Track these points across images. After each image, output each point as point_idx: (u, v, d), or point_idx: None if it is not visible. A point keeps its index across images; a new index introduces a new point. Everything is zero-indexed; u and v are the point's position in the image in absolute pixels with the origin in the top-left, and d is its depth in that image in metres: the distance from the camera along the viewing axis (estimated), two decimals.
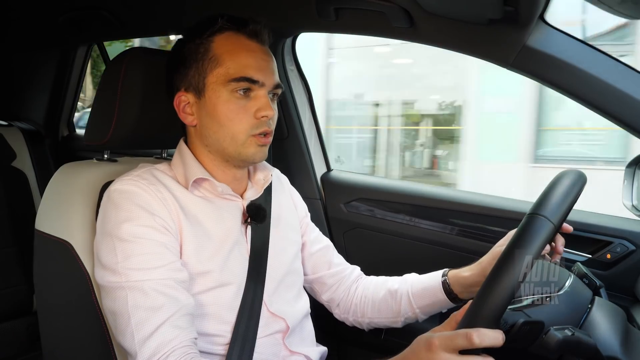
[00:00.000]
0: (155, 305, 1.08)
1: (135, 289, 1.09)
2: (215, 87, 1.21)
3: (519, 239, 0.92)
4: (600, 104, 1.30)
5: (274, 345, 1.30)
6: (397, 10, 1.43)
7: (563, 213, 0.98)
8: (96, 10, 2.08)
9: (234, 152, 1.24)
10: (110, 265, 1.12)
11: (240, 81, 1.20)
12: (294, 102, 1.99)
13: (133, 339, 1.06)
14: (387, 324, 1.50)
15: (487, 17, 1.31)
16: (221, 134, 1.23)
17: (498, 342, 0.86)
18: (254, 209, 1.31)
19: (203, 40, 1.23)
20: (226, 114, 1.21)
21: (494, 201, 1.71)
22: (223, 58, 1.21)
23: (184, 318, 1.10)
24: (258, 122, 1.22)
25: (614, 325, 1.03)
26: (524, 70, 1.38)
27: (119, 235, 1.13)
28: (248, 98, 1.22)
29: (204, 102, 1.23)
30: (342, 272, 1.55)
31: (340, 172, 2.10)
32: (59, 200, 1.32)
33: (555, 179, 1.04)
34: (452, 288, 1.39)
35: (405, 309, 1.44)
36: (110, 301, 1.12)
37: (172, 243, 1.16)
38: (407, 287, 1.46)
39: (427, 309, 1.43)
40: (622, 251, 1.51)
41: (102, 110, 1.36)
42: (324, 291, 1.55)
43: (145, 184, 1.19)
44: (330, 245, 1.58)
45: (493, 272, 0.91)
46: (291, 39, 1.98)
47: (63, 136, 2.95)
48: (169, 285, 1.11)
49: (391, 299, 1.47)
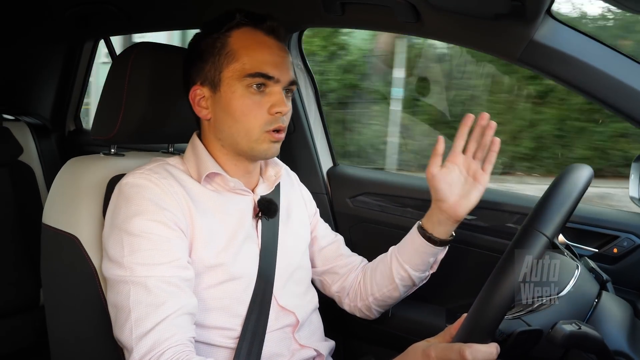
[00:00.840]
0: (157, 302, 1.09)
1: (139, 285, 1.10)
2: (230, 82, 1.22)
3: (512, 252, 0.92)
4: (607, 99, 1.30)
5: (284, 339, 1.31)
6: (404, 5, 1.43)
7: (559, 224, 0.97)
8: (103, 4, 2.08)
9: (247, 147, 1.25)
10: (117, 258, 1.13)
11: (256, 77, 1.21)
12: (300, 96, 1.99)
13: (131, 334, 1.07)
14: (387, 295, 1.50)
15: (493, 12, 1.30)
16: (235, 129, 1.24)
17: (492, 356, 0.87)
18: (265, 203, 1.32)
19: (220, 35, 1.24)
20: (241, 109, 1.22)
21: (498, 196, 1.71)
22: (240, 53, 1.21)
23: (183, 317, 1.11)
24: (272, 118, 1.23)
25: (621, 320, 1.03)
26: (531, 65, 1.37)
27: (127, 229, 1.13)
28: (263, 94, 1.23)
29: (219, 97, 1.24)
30: (352, 262, 1.57)
31: (346, 166, 2.10)
32: (66, 194, 1.32)
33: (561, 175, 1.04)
34: (425, 228, 1.42)
35: (397, 269, 1.46)
36: (114, 294, 1.13)
37: (180, 239, 1.17)
38: (394, 249, 1.49)
39: (413, 261, 1.45)
40: (628, 245, 1.50)
41: (109, 105, 1.36)
42: (335, 281, 1.56)
43: (157, 177, 1.19)
44: (340, 238, 1.61)
45: (488, 284, 0.91)
46: (297, 33, 1.97)
47: (70, 131, 2.95)
48: (172, 282, 1.12)
49: (383, 265, 1.49)
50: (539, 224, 0.93)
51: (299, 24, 1.85)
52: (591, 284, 1.10)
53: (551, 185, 1.02)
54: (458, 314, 1.06)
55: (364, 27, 1.73)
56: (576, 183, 1.01)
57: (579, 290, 1.05)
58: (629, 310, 1.09)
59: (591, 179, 1.08)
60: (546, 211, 0.96)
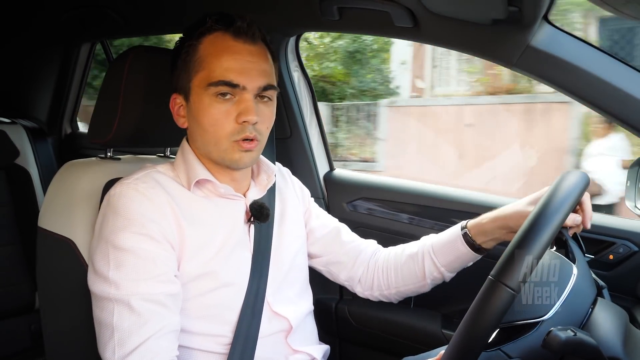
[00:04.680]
0: (140, 321, 1.08)
1: (122, 303, 1.09)
2: (198, 91, 1.20)
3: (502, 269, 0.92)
4: (604, 105, 1.30)
5: (277, 344, 1.30)
6: (401, 10, 1.43)
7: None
8: (100, 8, 2.08)
9: (218, 157, 1.23)
10: (103, 272, 1.12)
11: (219, 85, 1.17)
12: (297, 101, 1.99)
13: (114, 354, 1.07)
14: (414, 290, 1.49)
15: (491, 17, 1.30)
16: (206, 139, 1.22)
17: None
18: (257, 208, 1.30)
19: (193, 42, 1.21)
20: (208, 119, 1.19)
21: (497, 201, 1.71)
22: (207, 61, 1.19)
23: (167, 336, 1.11)
24: (240, 127, 1.19)
25: (616, 326, 1.03)
26: (528, 71, 1.38)
27: (114, 242, 1.13)
28: (231, 102, 1.19)
29: (190, 106, 1.23)
30: (356, 248, 1.54)
31: (342, 171, 2.10)
32: (62, 198, 1.32)
33: (558, 180, 1.04)
34: (474, 239, 1.38)
35: (430, 270, 1.43)
36: (98, 310, 1.13)
37: (167, 252, 1.16)
38: (427, 248, 1.45)
39: (452, 265, 1.42)
40: (624, 252, 1.50)
41: (105, 108, 1.36)
42: (341, 270, 1.54)
43: (145, 187, 1.18)
44: (339, 226, 1.57)
45: (466, 320, 0.91)
46: (294, 38, 1.97)
47: (66, 134, 2.95)
48: (156, 300, 1.11)
49: (413, 263, 1.46)
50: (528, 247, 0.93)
51: (296, 28, 1.86)
52: (587, 290, 1.10)
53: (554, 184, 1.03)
54: (455, 319, 1.06)
55: (362, 32, 1.73)
56: (565, 197, 1.01)
57: (574, 297, 1.05)
58: (625, 317, 1.08)
59: (587, 185, 1.08)
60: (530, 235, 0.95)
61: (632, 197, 1.38)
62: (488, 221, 1.36)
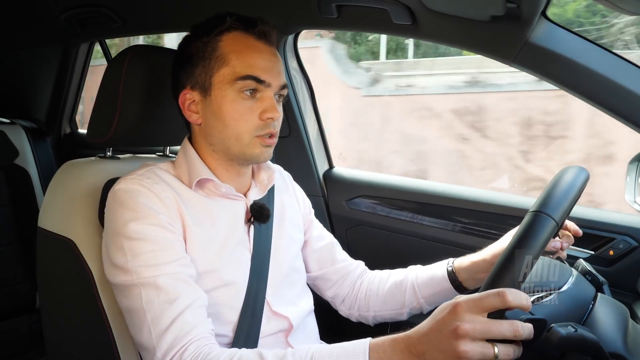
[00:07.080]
0: (170, 298, 1.08)
1: (148, 285, 1.09)
2: (221, 87, 1.21)
3: (522, 237, 0.92)
4: (602, 100, 1.30)
5: (277, 344, 1.30)
6: (400, 8, 1.43)
7: (565, 210, 0.98)
8: (98, 7, 2.07)
9: (239, 152, 1.24)
10: (121, 264, 1.12)
11: (247, 79, 1.19)
12: (296, 99, 1.99)
13: (150, 334, 1.06)
14: (392, 316, 1.49)
15: (489, 14, 1.30)
16: (226, 134, 1.23)
17: (529, 304, 0.84)
18: (257, 208, 1.30)
19: (211, 39, 1.22)
20: (231, 114, 1.21)
21: (497, 198, 1.71)
22: (230, 57, 1.20)
23: (199, 310, 1.10)
24: (263, 124, 1.22)
25: (617, 322, 1.03)
26: (526, 67, 1.38)
27: (126, 234, 1.12)
28: (254, 99, 1.21)
29: (209, 101, 1.23)
30: (346, 267, 1.54)
31: (342, 169, 2.10)
32: (62, 197, 1.32)
33: (557, 176, 1.04)
34: (458, 276, 1.38)
35: (410, 299, 1.44)
36: (125, 298, 1.12)
37: (178, 240, 1.16)
38: (412, 278, 1.45)
39: (432, 299, 1.43)
40: (624, 248, 1.51)
41: (104, 108, 1.36)
42: (328, 287, 1.54)
43: (150, 182, 1.18)
44: (334, 241, 1.58)
45: (494, 272, 0.91)
46: (293, 36, 1.97)
47: (65, 134, 2.95)
48: (181, 278, 1.11)
49: (396, 291, 1.46)
50: (547, 208, 0.94)
51: (295, 26, 1.85)
52: (587, 286, 1.10)
53: (556, 176, 1.04)
54: None
55: (360, 29, 1.73)
56: (578, 175, 1.03)
57: (575, 293, 1.05)
58: (625, 313, 1.08)
59: (587, 180, 1.08)
60: (554, 196, 0.97)
61: (632, 192, 1.38)
62: (473, 260, 1.37)
